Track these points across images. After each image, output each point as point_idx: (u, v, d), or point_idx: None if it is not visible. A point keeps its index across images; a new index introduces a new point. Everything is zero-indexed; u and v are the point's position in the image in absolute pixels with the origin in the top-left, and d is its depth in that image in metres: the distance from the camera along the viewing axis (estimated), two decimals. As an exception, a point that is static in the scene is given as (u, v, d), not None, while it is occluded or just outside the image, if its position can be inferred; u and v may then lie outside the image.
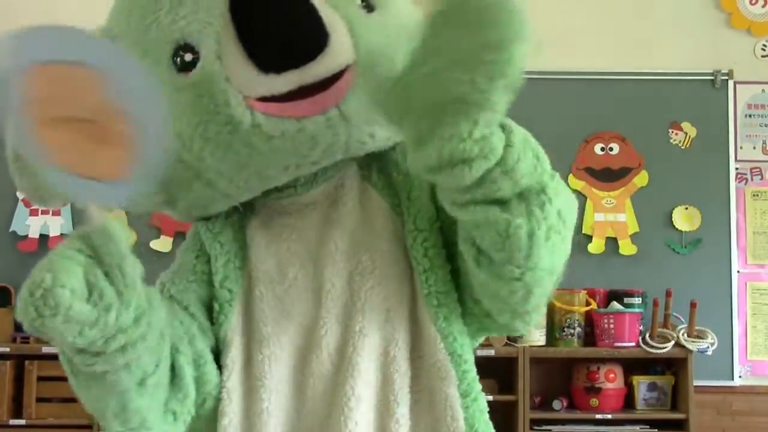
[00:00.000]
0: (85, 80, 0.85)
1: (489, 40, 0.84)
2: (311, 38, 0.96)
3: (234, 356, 1.06)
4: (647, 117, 3.65)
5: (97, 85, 0.85)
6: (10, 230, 3.60)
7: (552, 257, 0.95)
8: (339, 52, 0.98)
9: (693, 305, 3.36)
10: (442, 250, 1.06)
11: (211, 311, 1.09)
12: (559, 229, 0.94)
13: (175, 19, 1.02)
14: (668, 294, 3.40)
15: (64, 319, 0.85)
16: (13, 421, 3.29)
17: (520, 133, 0.91)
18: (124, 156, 0.87)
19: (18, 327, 3.43)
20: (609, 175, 3.67)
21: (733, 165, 3.66)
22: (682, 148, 3.68)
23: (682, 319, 3.42)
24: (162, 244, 3.52)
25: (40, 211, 3.61)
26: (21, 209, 3.61)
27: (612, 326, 3.36)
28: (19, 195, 3.60)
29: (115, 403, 0.95)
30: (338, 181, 1.10)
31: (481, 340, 1.15)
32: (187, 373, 1.02)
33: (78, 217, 3.54)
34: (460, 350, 1.04)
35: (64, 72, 0.86)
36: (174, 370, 1.02)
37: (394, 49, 0.99)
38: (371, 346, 1.04)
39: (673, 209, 3.64)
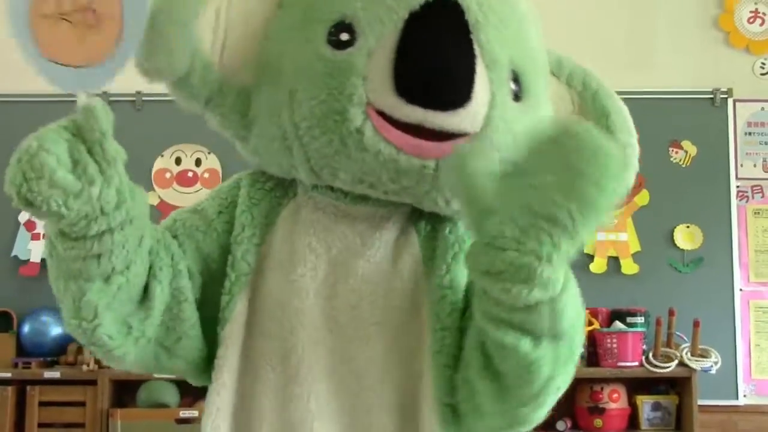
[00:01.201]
0: None
1: (592, 178, 0.86)
2: (454, 92, 0.98)
3: (237, 330, 1.07)
4: (647, 136, 3.60)
5: None
6: (12, 255, 3.60)
7: (556, 397, 1.00)
8: (469, 118, 0.99)
9: (696, 324, 3.35)
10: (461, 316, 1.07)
11: (207, 267, 1.10)
12: (568, 380, 1.00)
13: None
14: (671, 313, 3.39)
15: (48, 183, 0.86)
16: (14, 447, 3.28)
17: (574, 284, 0.94)
18: (109, 38, 0.89)
19: (20, 352, 3.42)
20: (610, 195, 3.66)
21: (733, 183, 3.67)
22: (683, 166, 3.68)
23: (686, 338, 3.41)
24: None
25: (41, 236, 3.61)
26: (22, 234, 3.61)
27: (615, 346, 3.35)
28: (21, 219, 3.60)
29: (76, 289, 0.96)
30: (387, 212, 1.10)
31: None
32: (158, 301, 1.02)
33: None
34: (449, 414, 1.04)
35: None
36: (146, 293, 1.02)
37: (513, 144, 1.00)
38: (356, 376, 1.05)
39: (675, 228, 3.64)
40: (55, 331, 3.40)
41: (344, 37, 1.01)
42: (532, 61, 1.10)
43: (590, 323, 3.40)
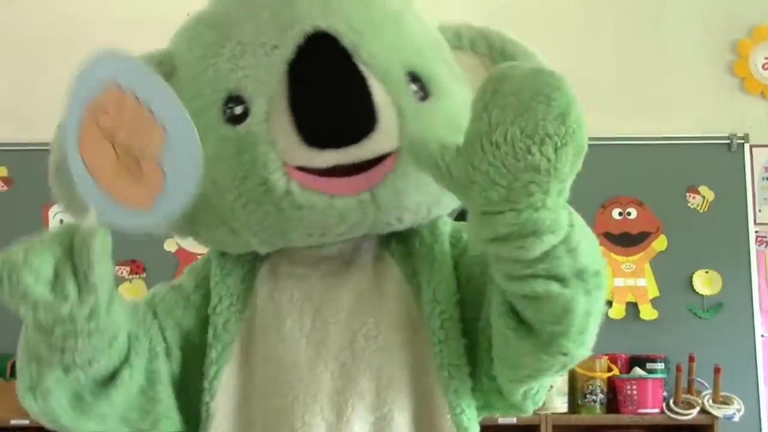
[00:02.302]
0: (145, 119, 0.91)
1: (547, 115, 0.85)
2: (359, 122, 0.98)
3: (228, 398, 1.07)
4: (664, 181, 3.65)
5: (153, 128, 0.91)
6: (32, 302, 3.62)
7: (595, 330, 0.97)
8: (383, 138, 0.99)
9: (717, 370, 3.32)
10: (459, 323, 1.06)
11: (188, 341, 1.10)
12: (602, 308, 0.96)
13: (233, 69, 1.03)
14: (691, 359, 3.36)
15: (21, 296, 0.91)
16: (31, 495, 3.27)
17: (578, 216, 0.93)
18: (151, 195, 0.92)
19: (38, 399, 3.42)
20: (627, 240, 3.66)
21: (752, 228, 3.65)
22: (700, 211, 3.67)
23: (707, 385, 3.37)
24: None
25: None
26: (42, 281, 3.62)
27: (635, 392, 3.32)
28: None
29: (36, 371, 0.99)
30: (356, 243, 1.10)
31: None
32: (124, 386, 1.02)
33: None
34: (466, 422, 1.04)
35: (132, 103, 0.92)
36: (113, 377, 1.02)
37: (442, 140, 0.99)
38: (369, 408, 1.04)
39: (693, 273, 3.62)
40: (74, 378, 3.40)
41: (238, 110, 1.02)
42: (422, 54, 1.08)
43: (609, 369, 3.37)
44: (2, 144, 3.65)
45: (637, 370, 3.37)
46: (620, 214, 3.67)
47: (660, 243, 3.64)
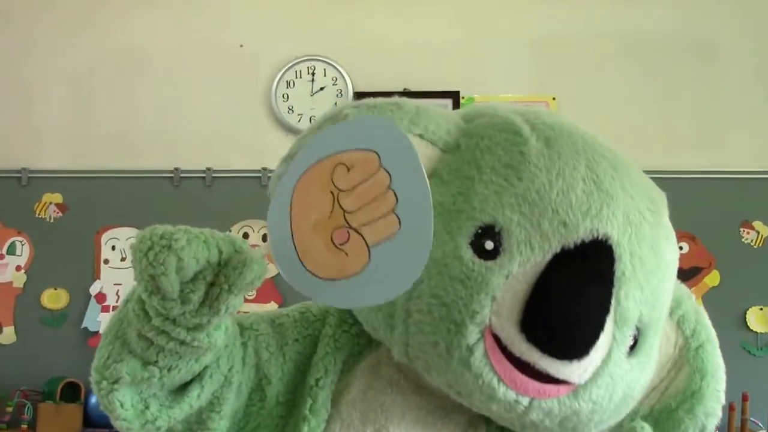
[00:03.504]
0: (385, 203, 0.85)
1: None
2: (575, 349, 0.94)
3: None
4: (718, 216, 3.60)
5: (387, 215, 0.85)
6: (82, 326, 3.67)
7: None
8: (580, 371, 0.95)
9: (771, 410, 3.25)
10: None
11: (260, 385, 1.07)
12: None
13: (516, 209, 0.97)
14: (744, 398, 3.28)
15: (154, 275, 0.83)
16: None
17: None
18: (341, 271, 0.86)
19: (87, 423, 3.45)
20: (679, 275, 3.54)
21: (808, 264, 3.58)
22: (754, 247, 3.61)
23: (761, 425, 3.29)
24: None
25: (111, 308, 3.67)
26: (93, 306, 3.68)
27: (686, 431, 3.25)
28: (92, 291, 3.68)
29: (116, 350, 0.95)
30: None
31: None
32: (190, 402, 0.99)
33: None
34: None
35: (382, 181, 0.85)
36: (184, 388, 0.99)
37: (617, 403, 1.00)
38: None
39: (747, 310, 3.55)
40: (121, 402, 3.42)
41: (488, 245, 0.96)
42: (658, 318, 1.05)
43: (660, 407, 3.31)
44: (57, 171, 3.73)
45: (689, 408, 3.31)
46: (672, 248, 3.61)
47: (712, 278, 3.58)
